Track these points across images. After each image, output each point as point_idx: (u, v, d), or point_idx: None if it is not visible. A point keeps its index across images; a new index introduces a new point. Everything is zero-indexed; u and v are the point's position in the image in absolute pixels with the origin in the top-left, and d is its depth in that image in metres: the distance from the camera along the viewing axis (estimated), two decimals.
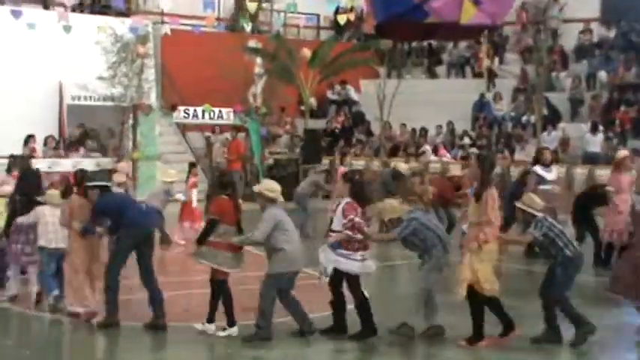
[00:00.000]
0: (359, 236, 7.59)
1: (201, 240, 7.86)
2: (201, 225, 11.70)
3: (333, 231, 7.72)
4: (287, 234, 7.62)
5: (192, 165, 15.06)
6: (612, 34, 24.29)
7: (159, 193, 12.40)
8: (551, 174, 12.36)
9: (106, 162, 19.32)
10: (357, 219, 7.59)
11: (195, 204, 13.68)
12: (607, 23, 24.71)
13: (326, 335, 7.76)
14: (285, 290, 7.71)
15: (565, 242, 7.52)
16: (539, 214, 7.57)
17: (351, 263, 7.62)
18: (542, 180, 12.04)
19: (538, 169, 12.29)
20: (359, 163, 21.90)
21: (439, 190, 8.43)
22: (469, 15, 8.52)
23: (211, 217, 7.93)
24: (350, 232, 7.56)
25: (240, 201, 8.16)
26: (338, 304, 7.87)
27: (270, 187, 7.80)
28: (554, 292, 7.52)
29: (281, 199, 7.77)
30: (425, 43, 26.31)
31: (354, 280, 7.71)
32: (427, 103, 23.82)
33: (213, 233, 7.78)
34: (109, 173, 12.64)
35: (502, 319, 7.56)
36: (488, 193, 7.46)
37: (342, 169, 14.80)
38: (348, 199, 7.74)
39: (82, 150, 19.94)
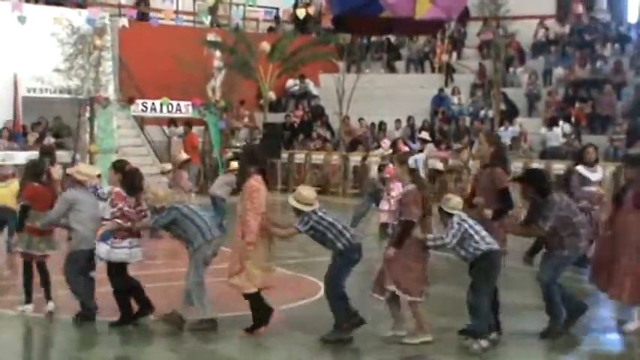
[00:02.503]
0: (128, 224, 7.73)
1: (19, 228, 8.28)
2: None
3: (105, 219, 7.99)
4: (79, 215, 7.92)
5: None
6: (567, 29, 24.68)
7: (222, 185, 13.80)
8: (596, 174, 11.08)
9: (63, 155, 19.12)
10: (125, 207, 7.74)
11: None
12: (562, 20, 25.11)
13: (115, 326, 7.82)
14: (84, 269, 7.97)
15: (335, 234, 7.26)
16: (307, 209, 7.31)
17: (118, 252, 7.77)
18: (586, 181, 10.89)
19: (581, 169, 11.01)
20: (319, 158, 21.95)
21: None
22: (423, 9, 8.53)
23: (22, 204, 8.35)
24: (119, 221, 7.73)
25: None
26: (133, 291, 7.95)
27: (80, 170, 8.28)
28: (329, 283, 7.39)
29: (94, 181, 8.32)
30: (384, 38, 26.43)
31: (119, 268, 7.84)
32: (386, 97, 23.95)
33: (26, 218, 8.20)
34: None
35: (257, 314, 7.55)
36: (245, 186, 7.38)
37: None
38: (116, 189, 7.95)
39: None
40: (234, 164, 13.83)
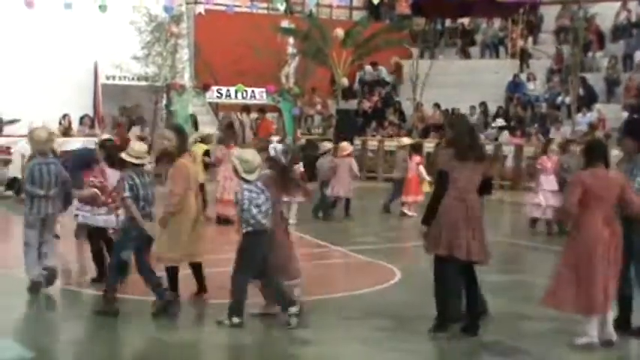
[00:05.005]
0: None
1: None
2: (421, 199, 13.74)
3: None
4: None
5: (415, 146, 16.20)
6: None
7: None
8: None
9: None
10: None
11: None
12: None
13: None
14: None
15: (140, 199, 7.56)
16: (137, 161, 7.59)
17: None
18: None
19: None
20: (392, 144, 21.86)
21: None
22: None
23: None
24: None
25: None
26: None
27: None
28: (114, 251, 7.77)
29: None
30: (458, 23, 26.14)
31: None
32: (460, 83, 23.70)
33: None
34: None
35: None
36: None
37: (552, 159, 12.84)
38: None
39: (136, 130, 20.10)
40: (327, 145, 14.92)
